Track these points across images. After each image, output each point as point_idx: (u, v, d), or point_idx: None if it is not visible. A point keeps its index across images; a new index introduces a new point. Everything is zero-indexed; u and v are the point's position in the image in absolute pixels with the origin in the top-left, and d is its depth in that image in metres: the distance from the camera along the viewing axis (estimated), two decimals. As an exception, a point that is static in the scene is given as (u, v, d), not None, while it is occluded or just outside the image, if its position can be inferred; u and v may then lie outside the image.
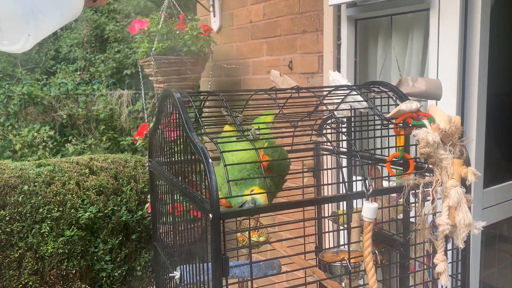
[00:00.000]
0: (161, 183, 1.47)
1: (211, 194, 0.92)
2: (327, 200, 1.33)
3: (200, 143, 0.99)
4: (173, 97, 1.16)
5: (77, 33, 8.95)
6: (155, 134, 1.49)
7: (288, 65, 2.66)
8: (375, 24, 2.30)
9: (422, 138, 1.12)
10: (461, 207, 1.08)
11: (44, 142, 5.84)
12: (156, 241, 1.60)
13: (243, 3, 2.98)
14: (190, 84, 2.91)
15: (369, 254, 1.05)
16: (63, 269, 2.66)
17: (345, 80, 1.51)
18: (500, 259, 2.53)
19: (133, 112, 6.49)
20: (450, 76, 1.89)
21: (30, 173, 2.69)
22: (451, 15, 1.86)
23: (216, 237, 0.92)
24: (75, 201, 2.72)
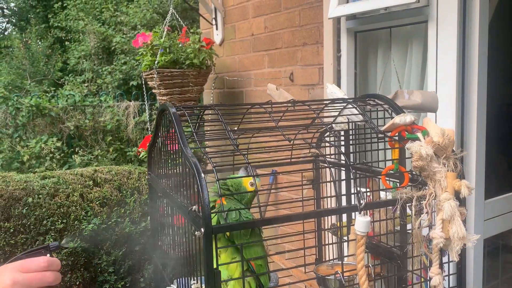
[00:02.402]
0: (160, 196, 1.48)
1: (203, 208, 0.93)
2: (320, 213, 1.34)
3: (192, 158, 1.00)
4: (169, 111, 1.18)
5: (85, 45, 9.06)
6: (153, 148, 1.51)
7: (289, 77, 2.68)
8: (374, 36, 2.31)
9: (416, 151, 1.13)
10: (455, 220, 1.08)
11: (52, 153, 5.89)
12: (156, 253, 1.61)
13: (245, 16, 3.01)
14: (192, 96, 2.94)
15: (362, 268, 1.05)
16: (67, 281, 2.68)
17: (342, 93, 1.52)
18: (504, 270, 2.51)
19: (139, 123, 6.54)
20: (449, 88, 1.89)
21: (34, 185, 2.72)
22: (449, 27, 1.87)
23: (208, 251, 0.93)
24: (79, 213, 2.74)
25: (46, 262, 0.89)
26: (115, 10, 9.05)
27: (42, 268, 0.88)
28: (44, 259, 0.89)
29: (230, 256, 1.17)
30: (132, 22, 8.20)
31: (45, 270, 0.88)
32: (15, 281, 0.84)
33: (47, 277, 0.88)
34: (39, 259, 0.89)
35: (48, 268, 0.89)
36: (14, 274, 0.85)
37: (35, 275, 0.87)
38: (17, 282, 0.84)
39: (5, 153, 5.89)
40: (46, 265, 0.88)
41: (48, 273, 0.88)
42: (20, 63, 10.28)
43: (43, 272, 0.88)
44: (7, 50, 11.79)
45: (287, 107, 1.37)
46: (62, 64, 10.70)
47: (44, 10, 12.26)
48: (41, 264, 0.88)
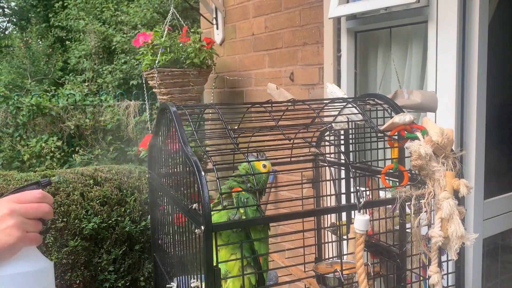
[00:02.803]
0: (160, 195, 1.49)
1: (203, 206, 0.94)
2: (320, 212, 1.34)
3: (193, 156, 1.01)
4: (169, 110, 1.18)
5: (85, 45, 9.07)
6: (154, 147, 1.51)
7: (289, 77, 2.69)
8: (374, 36, 2.32)
9: (415, 150, 1.13)
10: (454, 219, 1.09)
11: (52, 152, 5.90)
12: (156, 252, 1.62)
13: (245, 16, 3.02)
14: (193, 95, 2.95)
15: (361, 266, 1.06)
16: (67, 280, 2.68)
17: (342, 92, 1.52)
18: (503, 270, 2.51)
19: (140, 123, 6.55)
20: (449, 87, 1.90)
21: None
22: (449, 27, 1.87)
23: (208, 249, 0.94)
24: (79, 212, 2.75)
25: (41, 194, 0.91)
26: (116, 9, 9.06)
27: (38, 199, 0.90)
28: (39, 191, 0.91)
29: (230, 252, 1.17)
30: (132, 21, 8.21)
31: (40, 202, 0.90)
32: (12, 210, 0.86)
33: (43, 207, 0.90)
34: (33, 191, 0.91)
35: (42, 200, 0.90)
36: (11, 204, 0.87)
37: (31, 205, 0.88)
38: (15, 210, 0.86)
39: (6, 152, 5.90)
40: (40, 196, 0.90)
41: (44, 204, 0.90)
42: (20, 63, 10.28)
43: (39, 203, 0.89)
44: (7, 49, 11.80)
45: (287, 107, 1.38)
46: (63, 64, 10.71)
47: (45, 9, 12.27)
48: (36, 195, 0.90)
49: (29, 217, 0.88)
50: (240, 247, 1.10)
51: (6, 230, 0.84)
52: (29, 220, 0.88)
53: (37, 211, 0.89)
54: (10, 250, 0.85)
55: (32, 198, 0.89)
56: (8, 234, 0.84)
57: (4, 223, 0.85)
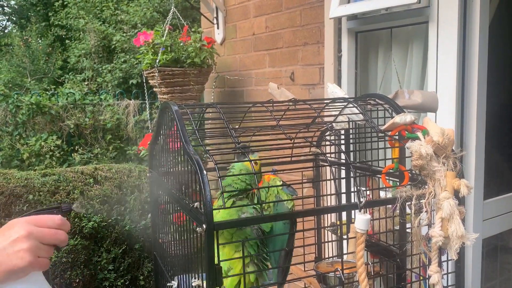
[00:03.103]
0: (161, 193, 1.49)
1: (205, 205, 0.94)
2: (321, 211, 1.35)
3: (195, 155, 1.01)
4: (171, 109, 1.19)
5: (85, 44, 9.07)
6: (155, 145, 1.52)
7: (290, 77, 2.69)
8: (375, 37, 2.32)
9: (415, 150, 1.14)
10: (454, 219, 1.09)
11: (51, 151, 5.90)
12: (156, 250, 1.62)
13: (246, 16, 3.02)
14: (193, 95, 2.95)
15: (362, 265, 1.06)
16: (67, 278, 2.68)
17: (343, 92, 1.53)
18: (503, 271, 2.52)
19: (139, 122, 6.55)
20: (449, 88, 1.90)
21: (35, 182, 2.73)
22: (450, 27, 1.88)
23: (210, 248, 0.94)
24: (79, 211, 2.75)
25: (61, 221, 0.89)
26: (116, 8, 9.05)
27: (57, 225, 0.88)
28: (59, 217, 0.89)
29: (234, 249, 1.18)
30: (132, 20, 8.20)
31: (59, 228, 0.88)
32: (30, 232, 0.84)
33: (60, 234, 0.88)
34: (54, 216, 0.89)
35: (61, 227, 0.88)
36: (29, 226, 0.85)
37: (49, 231, 0.87)
38: (32, 233, 0.84)
39: (5, 150, 5.89)
40: (60, 223, 0.88)
41: (61, 232, 0.88)
42: (20, 61, 10.28)
43: (56, 230, 0.88)
44: (7, 48, 11.79)
45: (288, 106, 1.38)
46: (62, 63, 10.70)
47: (45, 8, 12.26)
48: (56, 221, 0.88)
49: (44, 242, 0.86)
50: (243, 245, 1.10)
51: (19, 253, 0.83)
52: (43, 245, 0.86)
53: (53, 238, 0.87)
54: (18, 274, 0.84)
55: (51, 224, 0.87)
56: (20, 257, 0.82)
57: (19, 245, 0.83)
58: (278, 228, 1.23)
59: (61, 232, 0.88)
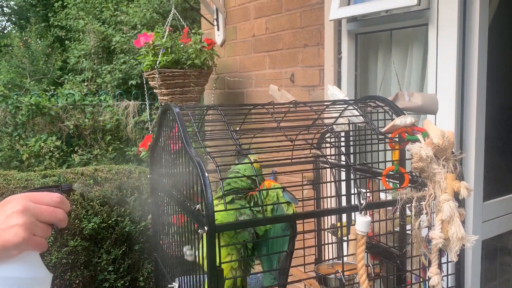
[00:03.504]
0: (162, 195, 1.50)
1: (206, 207, 0.95)
2: (321, 213, 1.35)
3: (196, 157, 1.02)
4: (172, 111, 1.19)
5: (85, 44, 9.07)
6: (156, 147, 1.52)
7: (290, 78, 2.70)
8: (375, 39, 2.33)
9: (416, 152, 1.14)
10: (454, 221, 1.10)
11: (51, 152, 5.90)
12: (157, 252, 1.63)
13: (246, 18, 3.03)
14: (193, 96, 2.96)
15: (362, 267, 1.07)
16: (67, 279, 2.68)
17: (343, 94, 1.53)
18: (502, 272, 2.52)
19: (139, 123, 6.55)
20: (449, 90, 1.91)
21: (35, 183, 2.73)
22: (449, 30, 1.88)
23: (211, 249, 0.95)
24: (79, 212, 2.76)
25: (59, 198, 0.85)
26: (115, 9, 9.06)
27: (55, 203, 0.84)
28: (58, 195, 0.85)
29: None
30: (132, 21, 8.21)
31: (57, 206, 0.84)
32: (26, 208, 0.80)
33: (58, 213, 0.84)
34: (53, 194, 0.85)
35: (60, 204, 0.85)
36: (25, 201, 0.81)
37: (46, 208, 0.83)
38: (28, 209, 0.80)
39: (5, 151, 5.89)
40: (59, 200, 0.84)
41: (59, 210, 0.84)
42: (19, 62, 10.28)
43: (54, 208, 0.84)
44: (7, 48, 11.80)
45: (288, 108, 1.39)
46: (62, 63, 10.70)
47: (44, 9, 12.27)
48: (54, 199, 0.84)
49: (41, 219, 0.82)
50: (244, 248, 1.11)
51: (13, 228, 0.78)
52: (40, 223, 0.82)
53: (51, 216, 0.83)
54: (11, 250, 0.79)
55: (49, 201, 0.84)
56: (14, 232, 0.78)
57: (13, 220, 0.79)
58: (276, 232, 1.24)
59: (60, 210, 0.84)
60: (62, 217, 0.85)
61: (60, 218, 0.84)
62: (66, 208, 0.86)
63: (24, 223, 0.79)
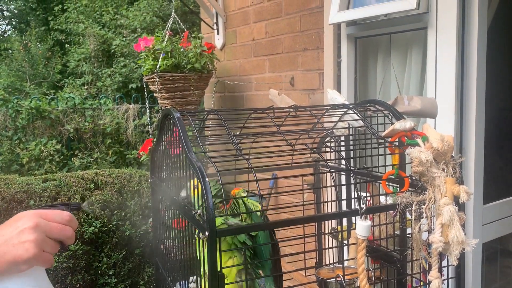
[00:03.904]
0: (162, 199, 1.50)
1: (207, 212, 0.95)
2: (322, 218, 1.36)
3: (197, 162, 1.02)
4: (173, 116, 1.20)
5: (85, 48, 9.09)
6: (156, 151, 1.52)
7: (289, 82, 2.71)
8: (374, 42, 2.34)
9: (415, 157, 1.15)
10: (454, 225, 1.10)
11: (51, 156, 5.90)
12: (158, 256, 1.63)
13: (246, 22, 3.04)
14: (194, 100, 2.97)
15: (363, 271, 1.07)
16: (67, 283, 2.69)
17: (343, 98, 1.54)
18: (502, 275, 2.53)
19: (139, 126, 6.56)
20: (448, 93, 1.91)
21: (36, 188, 2.74)
22: (448, 33, 1.89)
23: (212, 254, 0.95)
24: (80, 216, 2.76)
25: (69, 217, 0.88)
26: (115, 13, 9.08)
27: (65, 221, 0.87)
28: (68, 214, 0.89)
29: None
30: (132, 25, 8.23)
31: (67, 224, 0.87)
32: (37, 224, 0.83)
33: (67, 230, 0.87)
34: (63, 212, 0.89)
35: (69, 223, 0.88)
36: (37, 218, 0.84)
37: (56, 225, 0.86)
38: (39, 226, 0.83)
39: (5, 155, 5.90)
40: (68, 219, 0.88)
41: (68, 228, 0.87)
42: (20, 66, 10.30)
43: (64, 225, 0.87)
44: (7, 52, 11.81)
45: (288, 112, 1.39)
46: (62, 67, 10.72)
47: (44, 12, 12.29)
48: (64, 217, 0.88)
49: (51, 236, 0.85)
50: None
51: (25, 243, 0.81)
52: (49, 239, 0.85)
53: (60, 233, 0.86)
54: (22, 265, 0.82)
55: (60, 219, 0.87)
56: (25, 248, 0.81)
57: (25, 236, 0.82)
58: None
59: (69, 228, 0.87)
60: (70, 235, 0.88)
61: (68, 235, 0.88)
62: (74, 226, 0.89)
63: (35, 239, 0.82)
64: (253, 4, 2.97)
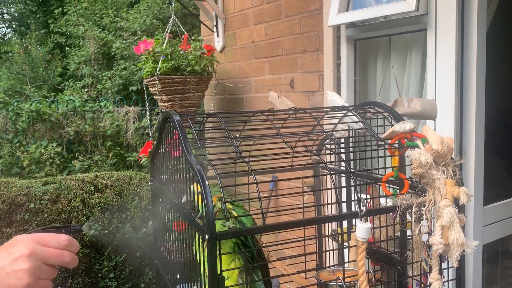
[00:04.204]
0: (162, 202, 1.50)
1: (207, 215, 0.95)
2: (322, 220, 1.35)
3: (197, 165, 1.02)
4: (173, 119, 1.20)
5: (85, 51, 9.10)
6: (156, 155, 1.53)
7: (289, 84, 2.71)
8: (374, 44, 2.34)
9: (415, 159, 1.15)
10: (454, 227, 1.10)
11: (51, 158, 5.91)
12: (158, 259, 1.63)
13: (246, 24, 3.04)
14: (194, 102, 2.97)
15: (363, 273, 1.07)
16: (68, 286, 2.68)
17: (343, 100, 1.54)
18: (503, 276, 2.52)
19: (139, 129, 6.56)
20: (448, 95, 1.91)
21: (36, 191, 2.74)
22: (448, 35, 1.89)
23: (212, 258, 0.95)
24: (80, 219, 2.76)
25: (67, 241, 0.85)
26: (115, 15, 9.09)
27: (62, 246, 0.84)
28: (66, 237, 0.85)
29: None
30: (132, 27, 8.24)
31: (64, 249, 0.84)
32: (32, 252, 0.80)
33: (65, 256, 0.84)
34: (60, 236, 0.85)
35: (67, 247, 0.85)
36: (32, 244, 0.81)
37: (53, 251, 0.83)
38: (35, 253, 0.80)
39: (5, 158, 5.90)
40: (66, 243, 0.85)
41: (67, 252, 0.85)
42: (20, 69, 10.31)
43: (61, 250, 0.84)
44: (7, 55, 11.84)
45: (288, 115, 1.40)
46: (62, 70, 10.74)
47: (44, 15, 12.31)
48: (61, 241, 0.84)
49: (47, 262, 0.82)
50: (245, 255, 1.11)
51: (18, 272, 0.79)
52: (46, 266, 0.82)
53: (58, 259, 0.83)
54: None
55: (57, 244, 0.83)
56: (19, 277, 0.78)
57: (19, 265, 0.79)
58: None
59: (67, 253, 0.84)
60: (69, 259, 0.85)
61: (67, 261, 0.84)
62: (75, 249, 0.86)
63: (29, 269, 0.79)
64: (252, 7, 2.98)
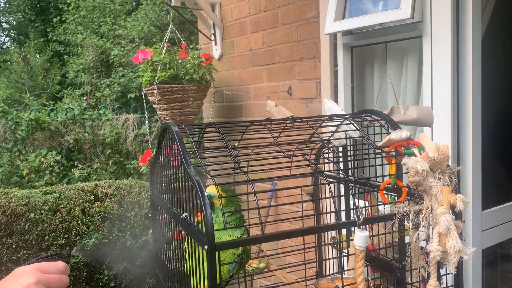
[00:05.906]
0: (162, 211, 1.51)
1: (206, 226, 0.96)
2: (320, 229, 1.37)
3: (195, 176, 1.03)
4: (171, 130, 1.21)
5: (83, 59, 9.13)
6: (156, 164, 1.54)
7: (287, 91, 2.73)
8: (370, 51, 2.36)
9: (412, 166, 1.16)
10: (451, 234, 1.11)
11: (51, 167, 5.91)
12: (158, 268, 1.64)
13: (243, 32, 3.06)
14: (192, 110, 2.98)
15: (362, 281, 1.08)
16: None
17: (340, 108, 1.56)
18: (503, 280, 2.53)
19: (138, 136, 6.57)
20: (445, 101, 1.93)
21: (36, 200, 2.74)
22: (443, 41, 1.91)
23: (211, 267, 0.96)
24: (80, 228, 2.76)
25: (64, 267, 0.98)
26: (113, 23, 9.12)
27: (61, 271, 0.97)
28: (63, 264, 0.98)
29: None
30: (130, 35, 8.27)
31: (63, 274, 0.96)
32: (38, 280, 0.92)
33: (64, 280, 0.96)
34: (58, 263, 0.98)
35: (65, 272, 0.97)
36: (37, 273, 0.93)
37: (54, 277, 0.95)
38: (40, 281, 0.92)
39: (5, 167, 5.90)
40: (64, 269, 0.97)
41: (65, 276, 0.97)
42: (19, 77, 10.33)
43: (61, 275, 0.96)
44: (6, 64, 11.86)
45: (286, 124, 1.41)
46: (61, 78, 10.76)
47: (43, 24, 12.36)
48: (60, 268, 0.97)
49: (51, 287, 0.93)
50: (244, 264, 1.12)
51: None
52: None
53: (59, 283, 0.95)
54: None
55: (56, 270, 0.96)
56: None
57: None
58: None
59: (65, 276, 0.97)
60: (67, 282, 0.98)
61: (66, 283, 0.97)
62: (68, 273, 1.00)
63: None
64: (250, 15, 3.00)
